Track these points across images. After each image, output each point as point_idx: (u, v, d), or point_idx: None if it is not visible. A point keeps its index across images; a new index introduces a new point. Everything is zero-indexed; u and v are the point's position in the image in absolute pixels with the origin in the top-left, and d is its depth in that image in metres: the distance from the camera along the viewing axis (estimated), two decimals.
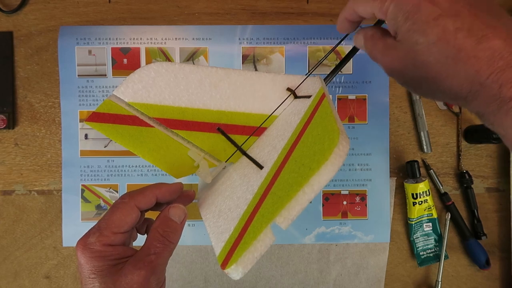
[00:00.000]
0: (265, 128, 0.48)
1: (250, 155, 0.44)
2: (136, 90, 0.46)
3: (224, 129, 0.47)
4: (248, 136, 0.47)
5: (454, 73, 0.32)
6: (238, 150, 0.46)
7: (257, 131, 0.48)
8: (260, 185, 0.38)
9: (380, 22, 0.42)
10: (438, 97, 0.36)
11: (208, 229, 0.40)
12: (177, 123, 0.46)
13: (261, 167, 0.41)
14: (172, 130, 0.47)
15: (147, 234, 0.42)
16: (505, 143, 0.34)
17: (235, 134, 0.48)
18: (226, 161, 0.46)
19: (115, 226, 0.39)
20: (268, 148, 0.41)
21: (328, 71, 0.68)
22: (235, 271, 0.33)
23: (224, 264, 0.34)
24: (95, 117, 0.45)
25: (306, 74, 0.48)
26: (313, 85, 0.46)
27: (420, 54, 0.34)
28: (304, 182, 0.31)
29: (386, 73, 0.39)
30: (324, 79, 0.46)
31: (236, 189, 0.41)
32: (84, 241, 0.38)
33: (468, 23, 0.31)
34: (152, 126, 0.46)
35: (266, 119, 0.47)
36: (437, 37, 0.32)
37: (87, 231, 0.40)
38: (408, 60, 0.35)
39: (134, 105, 0.46)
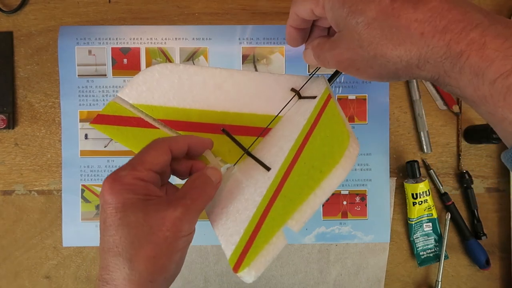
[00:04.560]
0: (269, 129, 0.48)
1: (256, 156, 0.44)
2: (141, 91, 0.46)
3: (228, 130, 0.47)
4: (256, 137, 0.47)
5: (400, 41, 0.32)
6: (244, 153, 0.46)
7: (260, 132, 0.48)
8: (269, 187, 0.38)
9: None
10: (391, 72, 0.35)
11: (216, 231, 0.40)
12: (182, 124, 0.46)
13: (268, 168, 0.40)
14: (177, 131, 0.47)
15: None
16: (466, 103, 0.33)
17: (240, 135, 0.47)
18: (234, 165, 0.46)
19: (148, 163, 0.38)
20: (275, 149, 0.41)
21: (329, 71, 0.68)
22: (248, 275, 0.33)
23: (237, 267, 0.34)
24: (100, 119, 0.45)
25: (309, 74, 0.48)
26: (317, 86, 0.46)
27: (363, 33, 0.33)
28: (316, 186, 0.31)
29: (341, 70, 0.38)
30: (328, 79, 0.46)
31: (243, 190, 0.41)
32: (115, 174, 0.37)
33: None
34: (157, 128, 0.46)
35: (273, 119, 0.47)
36: (375, 12, 0.32)
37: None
38: (354, 44, 0.35)
39: (139, 107, 0.46)
